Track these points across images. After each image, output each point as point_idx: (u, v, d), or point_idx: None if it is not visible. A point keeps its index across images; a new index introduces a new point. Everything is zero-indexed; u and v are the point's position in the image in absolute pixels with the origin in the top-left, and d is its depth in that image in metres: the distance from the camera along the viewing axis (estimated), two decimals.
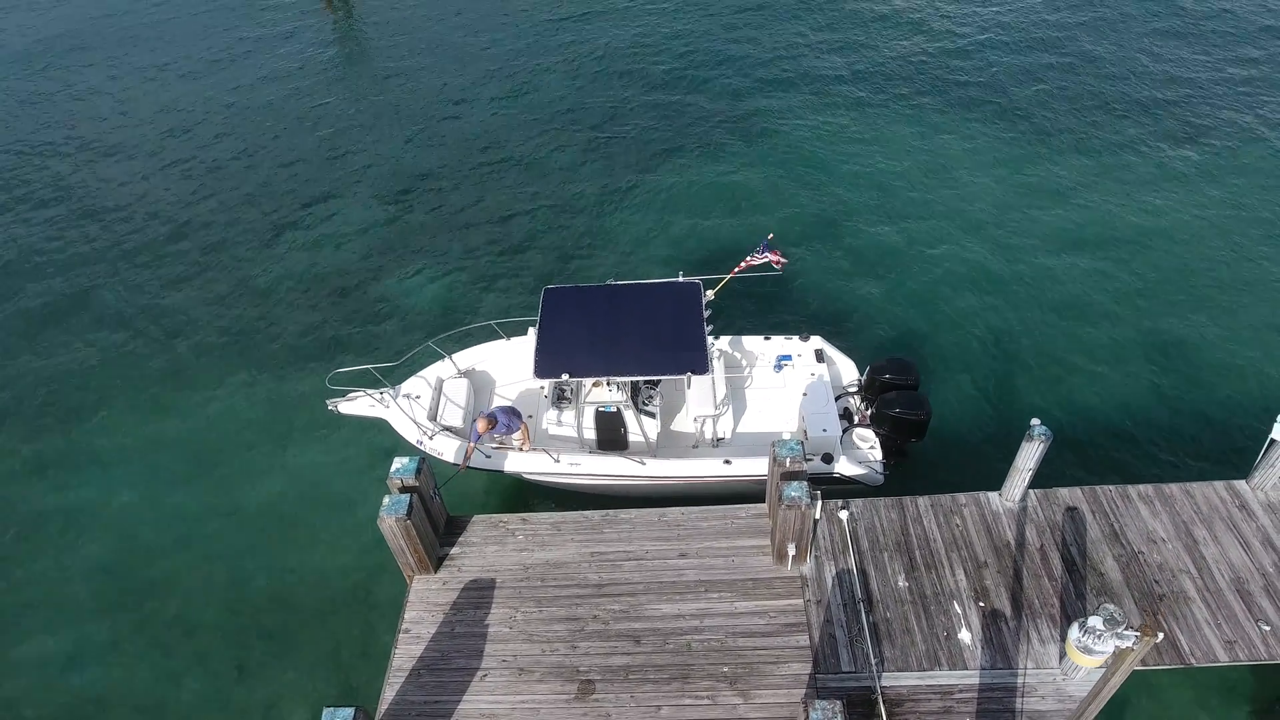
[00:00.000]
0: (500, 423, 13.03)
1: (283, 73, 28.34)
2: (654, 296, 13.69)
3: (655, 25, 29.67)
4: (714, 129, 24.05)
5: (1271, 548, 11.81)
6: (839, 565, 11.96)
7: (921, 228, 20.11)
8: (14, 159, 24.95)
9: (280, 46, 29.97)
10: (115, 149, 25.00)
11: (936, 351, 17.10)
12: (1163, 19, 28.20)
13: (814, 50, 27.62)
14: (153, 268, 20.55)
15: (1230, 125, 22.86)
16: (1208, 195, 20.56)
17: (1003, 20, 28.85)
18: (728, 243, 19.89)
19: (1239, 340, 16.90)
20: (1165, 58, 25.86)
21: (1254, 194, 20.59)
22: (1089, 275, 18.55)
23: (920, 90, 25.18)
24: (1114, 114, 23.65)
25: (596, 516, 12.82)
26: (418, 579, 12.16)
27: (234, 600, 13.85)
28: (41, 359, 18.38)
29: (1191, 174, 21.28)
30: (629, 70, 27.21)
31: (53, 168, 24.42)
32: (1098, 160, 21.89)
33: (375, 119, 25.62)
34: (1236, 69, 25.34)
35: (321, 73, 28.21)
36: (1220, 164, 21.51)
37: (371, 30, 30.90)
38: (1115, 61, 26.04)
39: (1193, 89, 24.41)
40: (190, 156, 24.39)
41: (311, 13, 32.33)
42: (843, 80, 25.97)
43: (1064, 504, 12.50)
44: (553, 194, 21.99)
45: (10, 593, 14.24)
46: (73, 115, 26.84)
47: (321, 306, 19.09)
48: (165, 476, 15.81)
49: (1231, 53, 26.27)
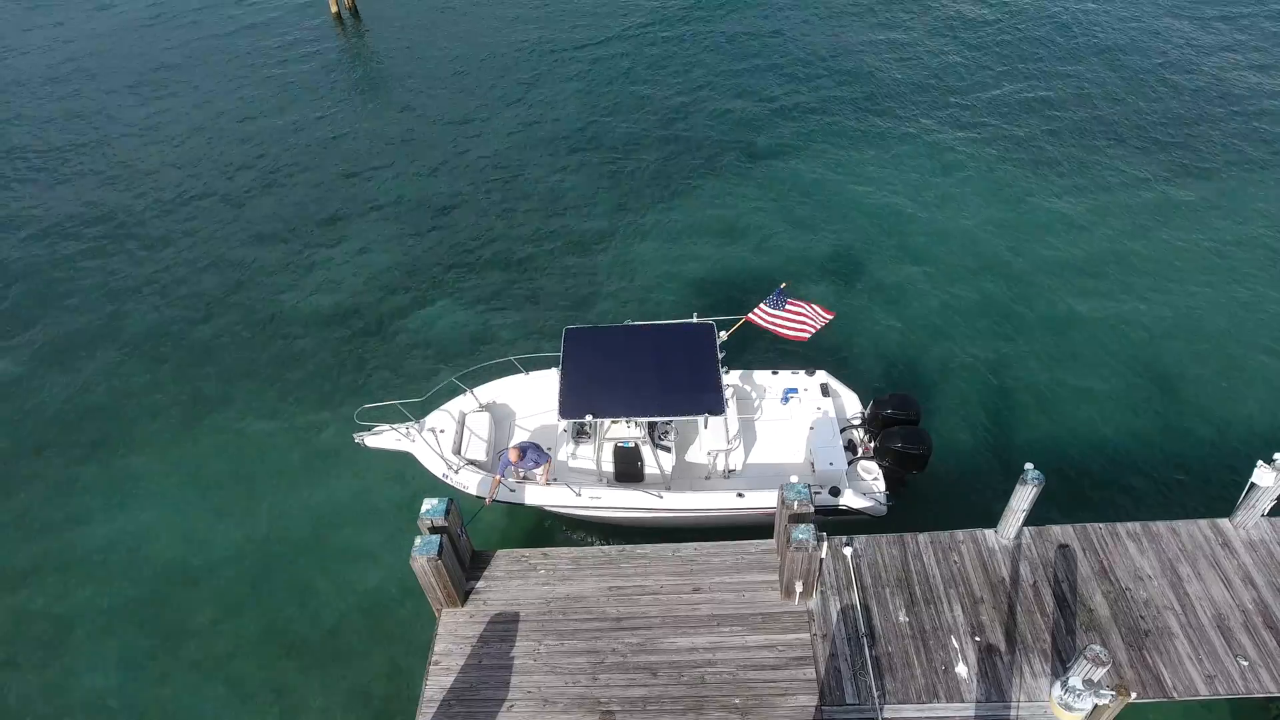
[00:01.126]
0: (529, 457, 13.79)
1: (299, 99, 29.05)
2: (670, 337, 14.45)
3: (670, 55, 30.37)
4: (725, 161, 24.75)
5: (1251, 584, 12.53)
6: (843, 600, 12.69)
7: (926, 265, 20.81)
8: (37, 189, 25.69)
9: (296, 69, 30.68)
10: (135, 180, 25.73)
11: (937, 385, 17.81)
12: (1176, 50, 28.84)
13: (827, 82, 28.30)
14: (177, 297, 21.28)
15: (1237, 163, 23.42)
16: (1207, 235, 21.17)
17: (1017, 52, 29.50)
18: (740, 276, 20.61)
19: (1229, 380, 17.63)
20: (1177, 92, 26.39)
21: (1254, 231, 21.21)
22: (1089, 313, 19.26)
23: (931, 126, 25.86)
24: (1119, 150, 24.32)
25: (614, 551, 13.56)
26: (446, 612, 12.90)
27: (266, 630, 14.58)
28: (74, 388, 19.10)
29: (1195, 210, 21.90)
30: (644, 99, 27.91)
31: (76, 198, 25.15)
32: (1102, 198, 22.52)
33: (393, 148, 26.34)
34: (1244, 105, 25.94)
35: (337, 99, 28.91)
36: (1223, 203, 22.10)
37: (384, 54, 31.61)
38: (1125, 96, 26.64)
39: (1194, 129, 24.99)
40: (211, 190, 25.11)
41: (325, 34, 33.05)
42: (854, 112, 26.66)
43: (1056, 541, 13.22)
44: (568, 225, 22.70)
45: (50, 618, 14.99)
46: (92, 145, 27.57)
47: (344, 336, 19.81)
48: (198, 505, 16.54)
49: (1242, 87, 26.92)
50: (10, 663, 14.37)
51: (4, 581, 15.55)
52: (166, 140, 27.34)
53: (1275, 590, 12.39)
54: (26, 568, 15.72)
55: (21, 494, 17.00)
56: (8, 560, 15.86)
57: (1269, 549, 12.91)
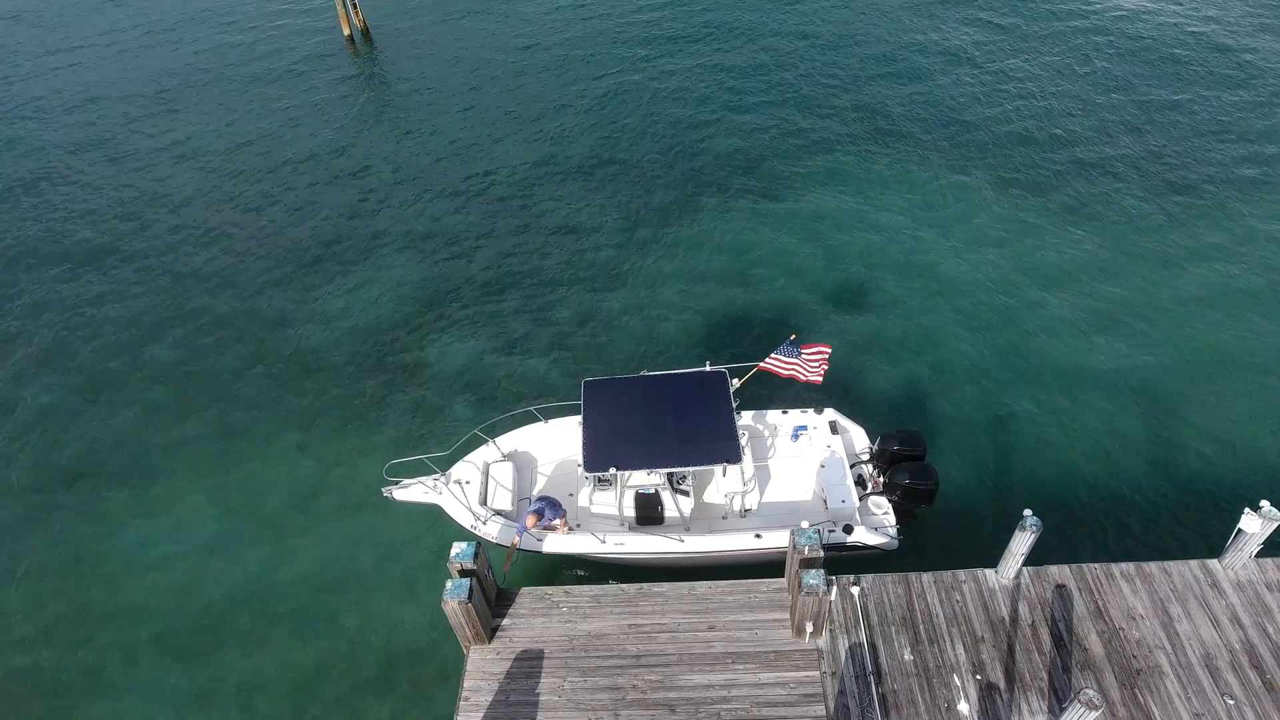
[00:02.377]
0: (546, 516, 14.53)
1: (315, 128, 29.70)
2: (685, 386, 15.12)
3: (689, 84, 30.96)
4: (737, 197, 25.38)
5: (1238, 624, 13.20)
6: (851, 639, 13.37)
7: (929, 300, 21.48)
8: (60, 220, 26.36)
9: (309, 98, 31.33)
10: (154, 213, 26.39)
11: (940, 420, 18.49)
12: (1199, 89, 29.37)
13: (835, 121, 28.89)
14: (200, 327, 21.96)
15: (1234, 206, 23.96)
16: (1207, 280, 21.66)
17: (1036, 89, 30.07)
18: (750, 313, 21.29)
19: (1226, 424, 18.29)
20: (1197, 139, 26.78)
21: (1249, 275, 21.82)
22: (1090, 353, 19.90)
23: (939, 165, 26.45)
24: (1123, 195, 24.80)
25: (632, 590, 14.23)
26: (474, 649, 13.57)
27: (294, 664, 15.25)
28: (104, 420, 19.78)
29: (1198, 255, 22.38)
30: (657, 129, 28.54)
31: (95, 230, 25.82)
32: (1106, 244, 22.95)
33: (405, 178, 27.00)
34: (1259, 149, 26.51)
35: (353, 128, 29.56)
36: (1220, 248, 22.63)
37: (395, 78, 32.24)
38: (1126, 134, 27.20)
39: (1203, 170, 25.52)
40: (233, 222, 25.78)
41: (338, 58, 33.69)
42: (863, 150, 27.28)
43: (1054, 581, 13.90)
44: (583, 260, 23.36)
45: (86, 649, 15.67)
46: (107, 177, 28.24)
47: (366, 368, 20.49)
48: (228, 539, 17.23)
49: (1257, 132, 27.54)
50: (52, 692, 15.06)
51: (41, 610, 16.23)
52: (186, 171, 28.00)
53: (1261, 630, 13.07)
54: (63, 596, 16.41)
55: (57, 525, 17.69)
56: (45, 589, 16.55)
57: (1256, 590, 13.58)
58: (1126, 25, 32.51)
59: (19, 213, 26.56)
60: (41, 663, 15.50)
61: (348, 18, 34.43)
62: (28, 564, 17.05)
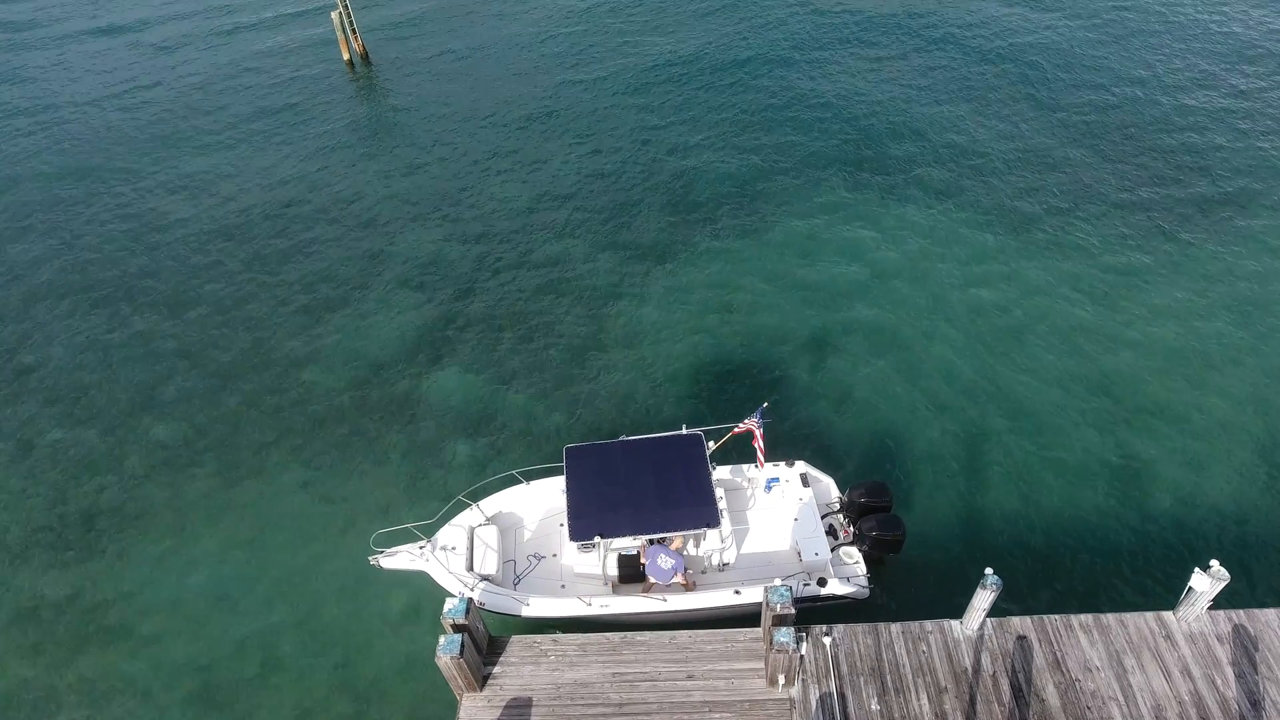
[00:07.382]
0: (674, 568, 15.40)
1: (314, 155, 30.40)
2: (664, 452, 15.83)
3: (686, 131, 31.55)
4: (725, 232, 26.07)
5: (1189, 676, 13.94)
6: (822, 689, 14.14)
7: (896, 350, 22.15)
8: (58, 245, 27.14)
9: (309, 129, 32.00)
10: (156, 244, 27.16)
11: (906, 469, 19.22)
12: (1177, 118, 30.00)
13: (821, 156, 29.51)
14: (206, 363, 22.77)
15: (1223, 255, 24.53)
16: (1184, 329, 22.32)
17: (1031, 128, 30.65)
18: (728, 358, 22.00)
19: (1187, 474, 18.99)
20: (1166, 176, 27.44)
21: (1217, 321, 22.42)
22: (1057, 404, 20.56)
23: (921, 207, 27.09)
24: (1093, 231, 25.50)
25: (616, 639, 15.00)
26: (467, 697, 14.38)
27: (294, 708, 16.05)
28: (118, 457, 20.61)
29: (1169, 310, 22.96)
30: (648, 159, 29.18)
31: (105, 261, 26.60)
32: (1076, 284, 23.70)
33: (404, 207, 27.70)
34: (1238, 183, 27.15)
35: (351, 156, 30.26)
36: (1192, 298, 23.25)
37: (394, 103, 32.89)
38: (1103, 163, 27.84)
39: (1180, 202, 26.18)
40: (238, 254, 26.54)
41: (337, 81, 34.33)
42: (847, 184, 27.91)
43: (1016, 633, 14.64)
44: (572, 293, 24.07)
45: (103, 685, 16.54)
46: (105, 208, 28.99)
47: (364, 405, 21.29)
48: (235, 583, 18.07)
49: (1239, 164, 28.09)
50: None
51: (60, 646, 17.11)
52: (188, 203, 28.73)
53: (1209, 683, 13.81)
54: (81, 632, 17.28)
55: (73, 568, 18.55)
56: (63, 625, 17.42)
57: (1207, 642, 14.32)
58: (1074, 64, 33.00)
59: (22, 248, 27.37)
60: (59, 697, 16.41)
61: (347, 43, 35.05)
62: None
